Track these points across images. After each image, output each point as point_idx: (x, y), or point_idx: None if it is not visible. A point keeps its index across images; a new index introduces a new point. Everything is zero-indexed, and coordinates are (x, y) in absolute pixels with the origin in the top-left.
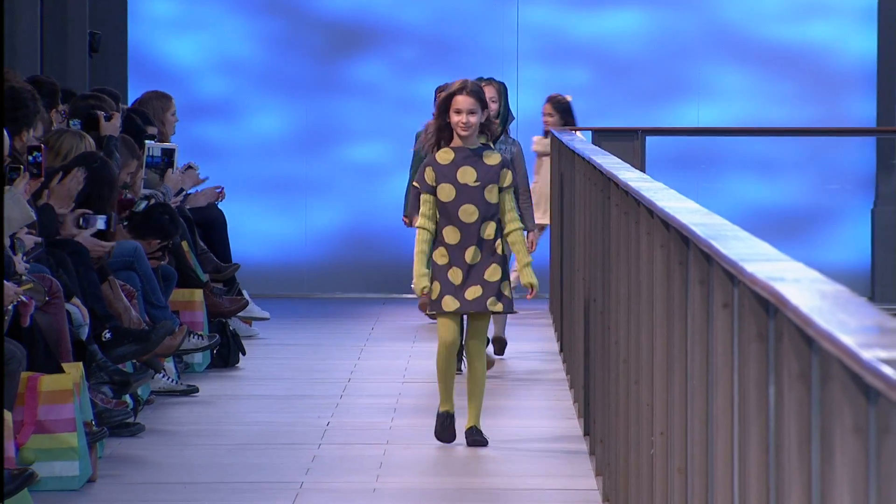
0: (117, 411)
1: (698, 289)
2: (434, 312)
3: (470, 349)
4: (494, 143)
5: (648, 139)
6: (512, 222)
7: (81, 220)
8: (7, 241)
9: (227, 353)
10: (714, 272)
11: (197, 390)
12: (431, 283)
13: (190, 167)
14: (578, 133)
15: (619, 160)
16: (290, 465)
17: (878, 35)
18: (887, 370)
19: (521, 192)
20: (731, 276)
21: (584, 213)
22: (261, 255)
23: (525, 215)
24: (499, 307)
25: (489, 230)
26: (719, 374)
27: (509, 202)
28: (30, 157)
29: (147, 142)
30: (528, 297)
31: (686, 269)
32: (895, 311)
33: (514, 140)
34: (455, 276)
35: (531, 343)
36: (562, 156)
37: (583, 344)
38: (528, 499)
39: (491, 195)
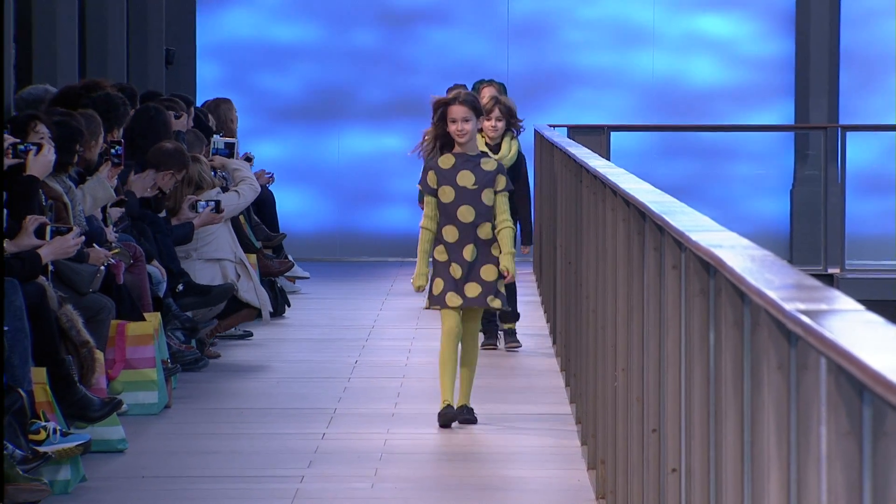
0: (187, 352)
1: (653, 254)
2: (437, 307)
3: (466, 333)
4: (516, 136)
5: (612, 133)
6: (504, 221)
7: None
8: (99, 215)
9: (275, 305)
10: (665, 240)
11: (251, 335)
12: (433, 280)
13: (248, 157)
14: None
15: (590, 151)
16: (326, 394)
17: (796, 60)
18: (804, 318)
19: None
20: (679, 244)
21: (561, 194)
22: (302, 227)
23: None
24: (497, 303)
25: (486, 231)
26: (669, 322)
27: (502, 204)
28: (112, 150)
29: (214, 137)
30: (505, 281)
31: (643, 238)
32: (810, 272)
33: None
34: (455, 271)
35: (518, 296)
36: (543, 148)
37: (561, 297)
38: (512, 418)
39: (487, 198)
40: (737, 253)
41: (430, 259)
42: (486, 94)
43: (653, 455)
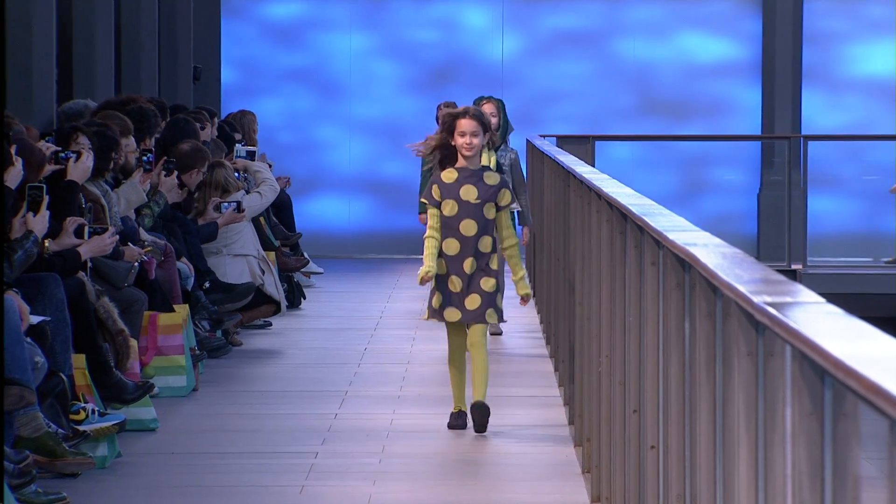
0: (213, 340)
1: (633, 252)
2: (435, 319)
3: (471, 343)
4: (496, 151)
5: (597, 143)
6: (509, 238)
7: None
8: (132, 215)
9: (292, 298)
10: (645, 239)
11: (271, 324)
12: (433, 294)
13: (262, 157)
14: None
15: (576, 159)
16: (338, 378)
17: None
18: (771, 310)
19: (521, 193)
20: (657, 242)
21: (551, 197)
22: (317, 227)
23: (525, 212)
24: (494, 318)
25: (486, 244)
26: (649, 313)
27: (506, 220)
28: (144, 157)
29: (236, 145)
30: (522, 304)
31: (625, 237)
32: (776, 268)
33: (511, 148)
34: (454, 284)
35: (511, 289)
36: (534, 156)
37: (550, 291)
38: (506, 400)
39: (489, 212)
40: (709, 251)
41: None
42: (485, 111)
43: (634, 433)
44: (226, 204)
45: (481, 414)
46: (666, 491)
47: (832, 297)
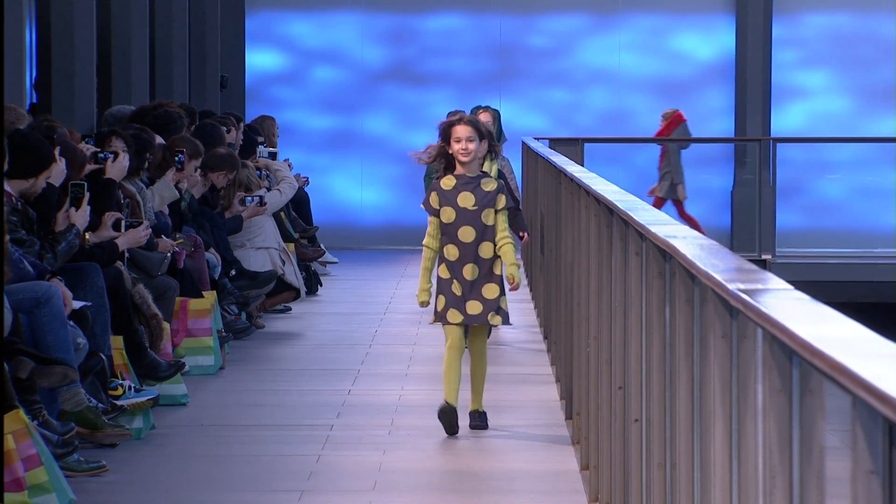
0: (238, 323)
1: (619, 243)
2: (439, 322)
3: (473, 350)
4: (495, 159)
5: (586, 145)
6: (504, 238)
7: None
8: (165, 210)
9: (310, 285)
10: (629, 232)
11: (290, 309)
12: (437, 297)
13: (286, 161)
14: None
15: (567, 159)
16: (351, 358)
17: (735, 81)
18: (744, 296)
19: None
20: (640, 235)
21: (544, 194)
22: (332, 221)
23: (518, 220)
24: (497, 319)
25: (487, 250)
26: (632, 299)
27: (503, 222)
28: (175, 157)
29: (259, 147)
30: (510, 288)
31: (611, 230)
32: (748, 258)
33: (503, 156)
34: (457, 288)
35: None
36: (529, 156)
37: (543, 279)
38: (503, 378)
39: (487, 218)
40: (688, 242)
41: (434, 276)
42: (482, 119)
43: (619, 408)
44: (249, 198)
45: (481, 420)
46: (648, 459)
47: (798, 285)
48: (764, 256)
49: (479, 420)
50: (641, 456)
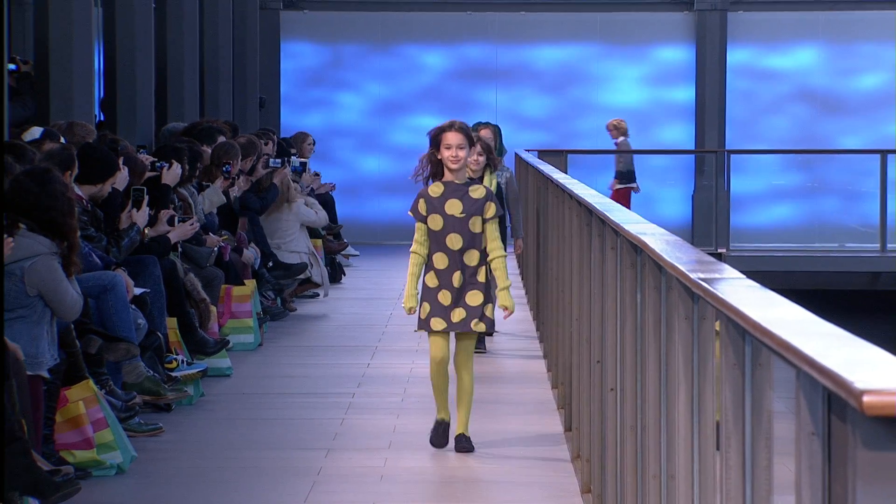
0: (274, 307)
1: (597, 239)
2: (423, 330)
3: (458, 363)
4: (494, 171)
5: (569, 156)
6: (495, 250)
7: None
8: (214, 210)
9: (334, 275)
10: (606, 230)
11: (318, 295)
12: (421, 304)
13: (316, 174)
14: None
15: (554, 168)
16: (370, 336)
17: (696, 93)
18: (704, 284)
19: (514, 207)
20: (615, 232)
21: (533, 199)
22: (353, 219)
23: (516, 224)
24: (481, 326)
25: (472, 258)
26: (608, 287)
27: (493, 231)
28: (223, 168)
29: (291, 157)
30: (504, 317)
31: (591, 229)
32: (707, 251)
33: (507, 168)
34: (444, 297)
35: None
36: (521, 165)
37: (533, 272)
38: (497, 353)
39: (475, 226)
40: (656, 238)
41: (420, 283)
42: (483, 136)
43: (597, 379)
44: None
45: (467, 443)
46: (622, 423)
47: (750, 275)
48: (720, 250)
49: (466, 443)
50: (616, 419)
